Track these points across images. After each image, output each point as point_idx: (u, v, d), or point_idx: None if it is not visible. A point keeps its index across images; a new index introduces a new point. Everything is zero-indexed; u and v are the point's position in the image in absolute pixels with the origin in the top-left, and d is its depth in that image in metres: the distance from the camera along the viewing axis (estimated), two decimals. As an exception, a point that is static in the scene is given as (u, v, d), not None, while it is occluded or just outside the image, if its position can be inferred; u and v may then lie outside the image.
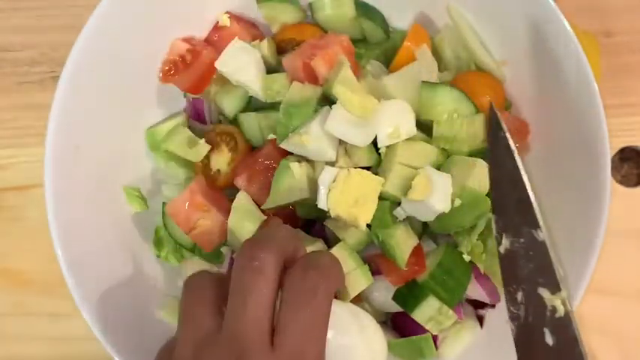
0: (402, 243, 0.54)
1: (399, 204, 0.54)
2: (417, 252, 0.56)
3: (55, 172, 0.54)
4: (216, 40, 0.63)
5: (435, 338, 0.57)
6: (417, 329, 0.57)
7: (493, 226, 0.53)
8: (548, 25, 0.54)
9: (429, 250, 0.58)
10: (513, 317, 0.52)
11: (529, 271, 0.51)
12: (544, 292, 0.50)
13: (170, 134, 0.61)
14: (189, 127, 0.62)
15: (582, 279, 0.52)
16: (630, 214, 0.68)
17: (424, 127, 0.56)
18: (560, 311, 0.49)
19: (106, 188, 0.60)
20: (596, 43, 0.69)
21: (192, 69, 0.60)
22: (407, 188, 0.53)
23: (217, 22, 0.63)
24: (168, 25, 0.61)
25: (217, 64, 0.58)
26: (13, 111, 0.72)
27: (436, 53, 0.61)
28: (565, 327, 0.49)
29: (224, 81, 0.61)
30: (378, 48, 0.63)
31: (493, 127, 0.54)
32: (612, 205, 0.52)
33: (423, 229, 0.59)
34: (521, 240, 0.51)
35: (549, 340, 0.49)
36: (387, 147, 0.54)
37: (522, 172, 0.52)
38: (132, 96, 0.60)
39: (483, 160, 0.54)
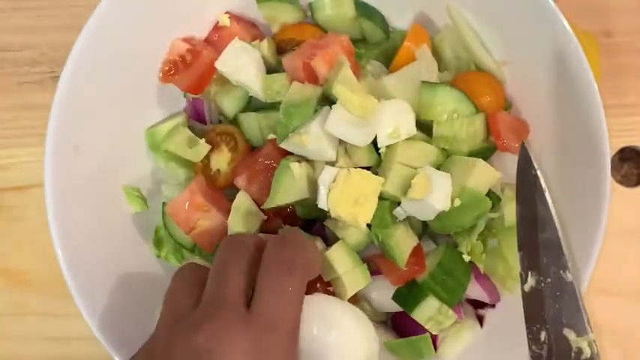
0: (402, 243, 0.54)
1: (398, 204, 0.54)
2: (416, 252, 0.56)
3: (55, 172, 0.54)
4: (216, 40, 0.63)
5: (434, 338, 0.57)
6: (417, 329, 0.57)
7: (518, 263, 0.53)
8: (548, 25, 0.54)
9: (429, 250, 0.58)
10: (535, 356, 0.51)
11: (555, 311, 0.50)
12: (570, 334, 0.49)
13: (170, 134, 0.61)
14: (189, 127, 0.62)
15: (582, 279, 0.52)
16: (630, 214, 0.68)
17: (424, 127, 0.56)
18: (587, 353, 0.48)
19: (106, 188, 0.60)
20: (596, 43, 0.69)
21: (192, 69, 0.60)
22: (407, 188, 0.53)
23: (217, 22, 0.63)
24: (168, 25, 0.61)
25: (217, 64, 0.58)
26: (13, 111, 0.72)
27: (436, 53, 0.61)
28: None
29: (224, 81, 0.61)
30: (378, 48, 0.63)
31: (523, 164, 0.54)
32: (612, 205, 0.52)
33: (423, 229, 0.59)
34: (548, 280, 0.51)
35: None
36: (387, 147, 0.54)
37: (553, 212, 0.52)
38: (132, 96, 0.60)
39: (483, 160, 0.54)
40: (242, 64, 0.58)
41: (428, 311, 0.55)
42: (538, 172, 0.53)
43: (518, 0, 0.55)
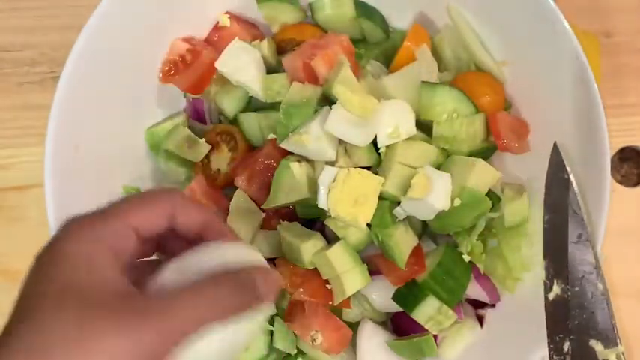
0: (402, 243, 0.54)
1: (398, 204, 0.54)
2: (416, 252, 0.56)
3: (55, 172, 0.54)
4: (216, 40, 0.63)
5: (434, 338, 0.57)
6: (417, 329, 0.57)
7: (543, 271, 0.51)
8: (548, 25, 0.54)
9: (429, 250, 0.58)
10: None
11: (581, 321, 0.48)
12: (596, 345, 0.47)
13: (170, 134, 0.61)
14: (189, 127, 0.62)
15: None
16: (630, 214, 0.68)
17: (424, 127, 0.56)
18: None
19: (106, 188, 0.59)
20: (596, 43, 0.69)
21: (192, 69, 0.60)
22: (407, 188, 0.53)
23: (217, 22, 0.63)
24: (169, 25, 0.61)
25: (217, 64, 0.58)
26: (13, 111, 0.72)
27: (436, 53, 0.61)
28: None
29: (224, 81, 0.61)
30: (378, 48, 0.63)
31: (554, 167, 0.51)
32: (612, 205, 0.52)
33: (423, 229, 0.59)
34: (576, 289, 0.48)
35: None
36: (387, 147, 0.54)
37: (585, 219, 0.49)
38: (132, 96, 0.60)
39: (483, 160, 0.54)
40: (242, 64, 0.58)
41: (428, 311, 0.55)
42: (571, 177, 0.50)
43: (518, 0, 0.55)
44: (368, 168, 0.55)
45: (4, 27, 0.72)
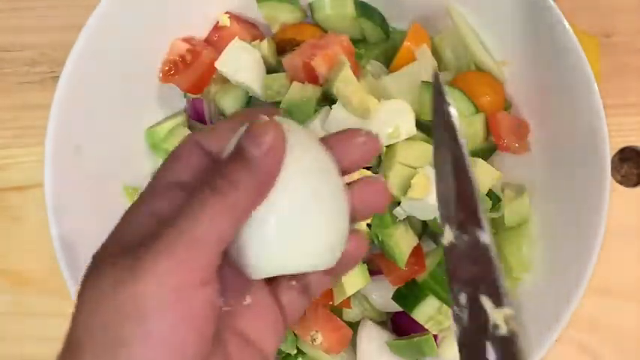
0: (402, 243, 0.54)
1: (398, 204, 0.54)
2: (416, 252, 0.56)
3: (55, 172, 0.54)
4: (216, 40, 0.63)
5: (434, 338, 0.57)
6: (417, 329, 0.57)
7: (438, 215, 0.46)
8: (548, 25, 0.54)
9: (429, 250, 0.58)
10: (456, 318, 0.43)
11: (471, 273, 0.43)
12: (486, 302, 0.41)
13: (170, 134, 0.61)
14: (189, 127, 0.62)
15: (582, 279, 0.52)
16: (630, 214, 0.68)
17: (424, 127, 0.56)
18: (503, 329, 0.40)
19: (106, 188, 0.60)
20: (596, 43, 0.69)
21: (192, 69, 0.60)
22: (407, 188, 0.53)
23: (217, 22, 0.63)
24: (168, 25, 0.61)
25: (217, 64, 0.58)
26: (13, 111, 0.71)
27: (436, 53, 0.61)
28: (508, 347, 0.40)
29: (224, 81, 0.61)
30: (378, 48, 0.63)
31: (436, 101, 0.44)
32: (612, 205, 0.52)
33: (423, 229, 0.59)
34: (465, 237, 0.43)
35: (490, 356, 0.40)
36: (387, 147, 0.54)
37: (466, 161, 0.43)
38: (132, 96, 0.60)
39: (483, 160, 0.54)
40: (242, 64, 0.58)
41: (428, 311, 0.55)
42: (451, 109, 0.42)
43: (518, 0, 0.55)
44: (368, 168, 0.55)
45: (4, 27, 0.72)
